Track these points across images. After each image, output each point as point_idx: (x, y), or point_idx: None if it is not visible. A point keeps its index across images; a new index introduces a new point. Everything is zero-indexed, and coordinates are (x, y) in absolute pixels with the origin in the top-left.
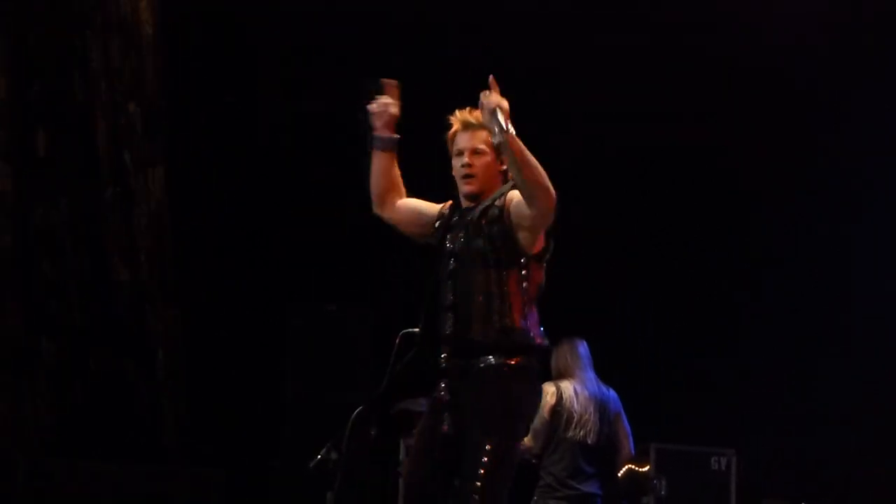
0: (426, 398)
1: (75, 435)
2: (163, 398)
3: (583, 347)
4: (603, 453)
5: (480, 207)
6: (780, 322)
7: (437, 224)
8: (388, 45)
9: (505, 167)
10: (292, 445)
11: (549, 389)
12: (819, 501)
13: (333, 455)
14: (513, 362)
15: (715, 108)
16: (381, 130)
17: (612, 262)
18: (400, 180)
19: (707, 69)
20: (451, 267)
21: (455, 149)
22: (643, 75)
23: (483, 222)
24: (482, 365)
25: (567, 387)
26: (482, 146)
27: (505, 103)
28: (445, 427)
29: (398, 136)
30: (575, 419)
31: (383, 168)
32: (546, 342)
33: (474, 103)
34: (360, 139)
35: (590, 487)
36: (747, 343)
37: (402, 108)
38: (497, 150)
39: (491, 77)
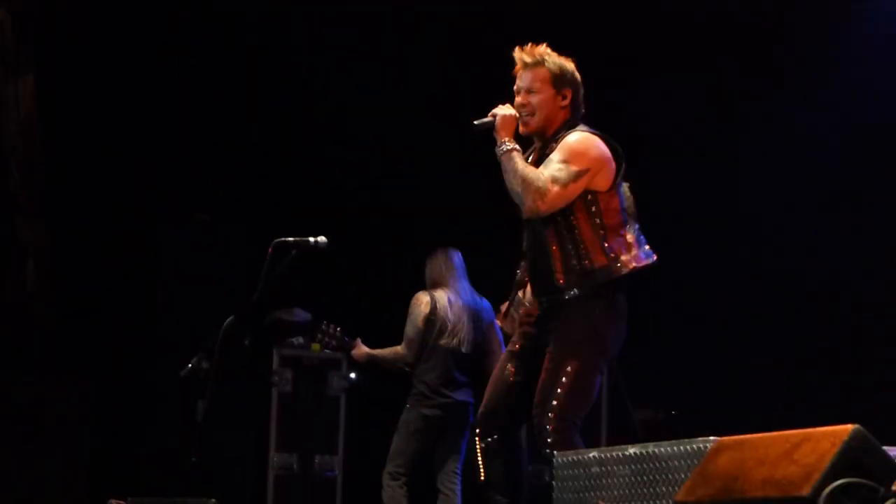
0: (302, 308)
1: None
2: (34, 308)
3: (457, 257)
4: (476, 362)
5: (545, 150)
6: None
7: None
8: None
9: (566, 101)
10: (164, 354)
11: (423, 299)
12: (688, 410)
13: (205, 364)
14: (595, 297)
15: None
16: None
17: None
18: None
19: None
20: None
21: (514, 88)
22: None
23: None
24: (566, 297)
25: (441, 296)
26: (536, 84)
27: (507, 113)
28: (513, 377)
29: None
30: (448, 328)
31: None
32: (644, 262)
33: None
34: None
35: (462, 396)
36: None
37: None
38: (553, 85)
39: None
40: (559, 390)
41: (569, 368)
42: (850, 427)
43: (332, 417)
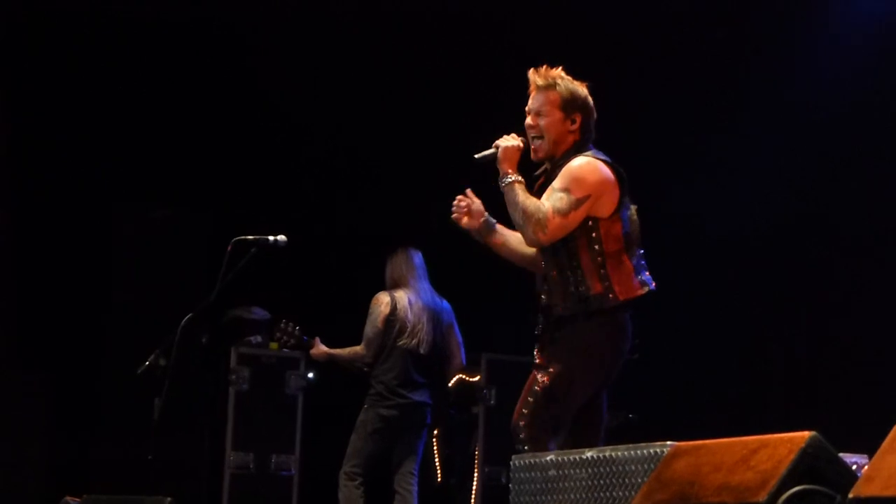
0: (259, 307)
1: None
2: None
3: (418, 258)
4: (434, 363)
5: (552, 175)
6: None
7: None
8: None
9: (576, 126)
10: (121, 352)
11: (383, 299)
12: (646, 414)
13: (162, 361)
14: (589, 318)
15: None
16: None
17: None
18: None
19: None
20: None
21: (526, 108)
22: None
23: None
24: (562, 316)
25: (401, 296)
26: (546, 108)
27: (509, 144)
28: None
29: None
30: (408, 328)
31: (503, 248)
32: (639, 291)
33: None
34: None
35: (420, 396)
36: None
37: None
38: (562, 109)
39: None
40: (537, 389)
41: (551, 370)
42: (806, 434)
43: (289, 417)
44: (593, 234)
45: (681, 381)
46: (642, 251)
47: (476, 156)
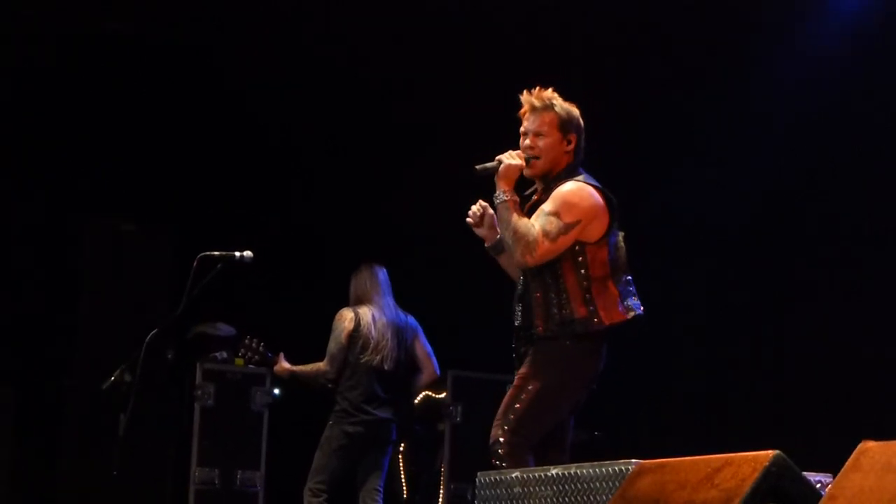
0: (224, 323)
1: None
2: None
3: (382, 273)
4: (399, 379)
5: (546, 195)
6: None
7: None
8: None
9: (571, 147)
10: (86, 366)
11: (346, 315)
12: (612, 431)
13: (127, 377)
14: (569, 336)
15: None
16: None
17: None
18: None
19: None
20: None
21: (521, 130)
22: None
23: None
24: (548, 347)
25: (365, 312)
26: (545, 128)
27: (512, 163)
28: None
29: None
30: (371, 344)
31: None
32: (623, 316)
33: None
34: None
35: (384, 413)
36: None
37: None
38: (560, 130)
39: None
40: (517, 406)
41: (530, 387)
42: (771, 453)
43: (254, 433)
44: (580, 259)
45: (645, 399)
46: (629, 277)
47: (477, 167)
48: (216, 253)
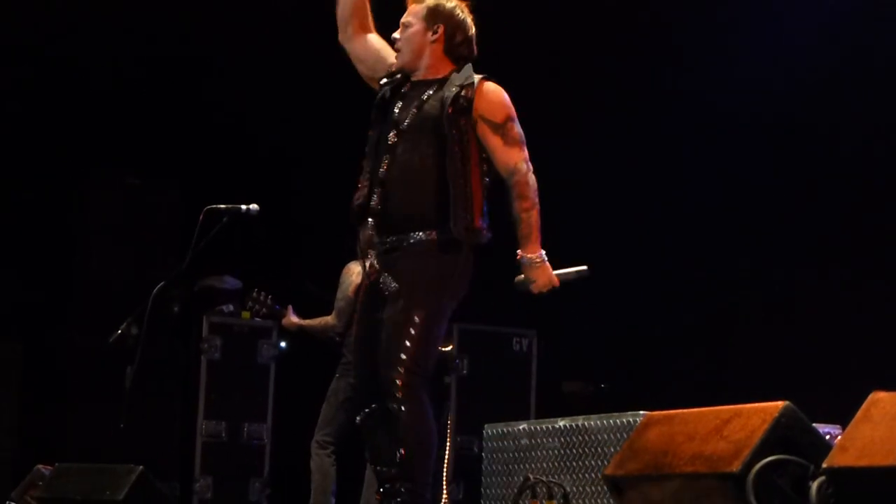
0: (231, 276)
1: None
2: None
3: None
4: None
5: (443, 92)
6: None
7: (384, 80)
8: None
9: (437, 37)
10: (93, 320)
11: (354, 268)
12: (617, 384)
13: (134, 330)
14: (448, 244)
15: None
16: None
17: None
18: (368, 11)
19: None
20: (391, 139)
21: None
22: None
23: (450, 111)
24: (411, 241)
25: None
26: (409, 19)
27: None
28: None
29: None
30: None
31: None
32: (490, 234)
33: None
34: None
35: None
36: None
37: None
38: (424, 20)
39: None
40: (407, 342)
41: (416, 319)
42: (780, 404)
43: (261, 386)
44: (485, 167)
45: (654, 350)
46: None
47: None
48: (222, 206)
